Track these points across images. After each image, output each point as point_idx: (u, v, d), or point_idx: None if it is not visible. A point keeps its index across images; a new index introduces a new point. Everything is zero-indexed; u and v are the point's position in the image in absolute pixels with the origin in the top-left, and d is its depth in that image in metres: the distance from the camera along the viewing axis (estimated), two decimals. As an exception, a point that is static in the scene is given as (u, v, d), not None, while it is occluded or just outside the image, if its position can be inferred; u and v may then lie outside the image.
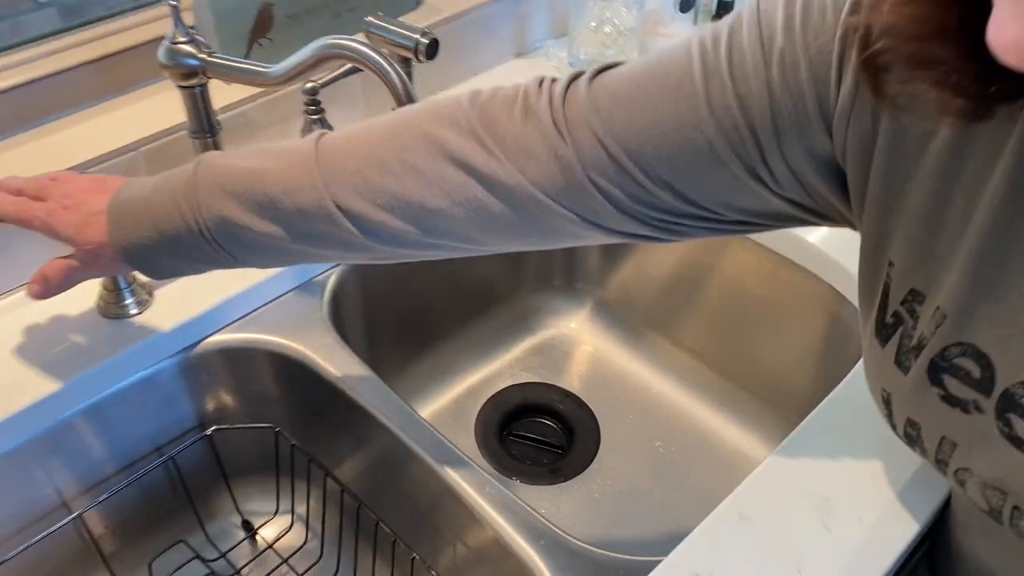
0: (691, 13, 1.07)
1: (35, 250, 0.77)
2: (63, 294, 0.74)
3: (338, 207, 0.55)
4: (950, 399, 0.48)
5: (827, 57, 0.45)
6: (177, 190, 0.58)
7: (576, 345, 1.12)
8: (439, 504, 0.73)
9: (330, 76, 0.83)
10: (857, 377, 0.75)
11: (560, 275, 1.14)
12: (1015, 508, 0.48)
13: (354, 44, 0.68)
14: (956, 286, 0.46)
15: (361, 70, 0.74)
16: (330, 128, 0.85)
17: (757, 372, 1.01)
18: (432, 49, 0.85)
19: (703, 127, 0.49)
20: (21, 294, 0.80)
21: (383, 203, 0.55)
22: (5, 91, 0.79)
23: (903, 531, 0.63)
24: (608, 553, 0.66)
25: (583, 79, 0.54)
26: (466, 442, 1.01)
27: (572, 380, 1.08)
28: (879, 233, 0.49)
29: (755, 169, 0.49)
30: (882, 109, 0.44)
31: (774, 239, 0.92)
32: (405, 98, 0.68)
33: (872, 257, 0.51)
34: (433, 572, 0.73)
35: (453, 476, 0.71)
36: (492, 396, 1.06)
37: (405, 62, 0.88)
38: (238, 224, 0.57)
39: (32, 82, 0.80)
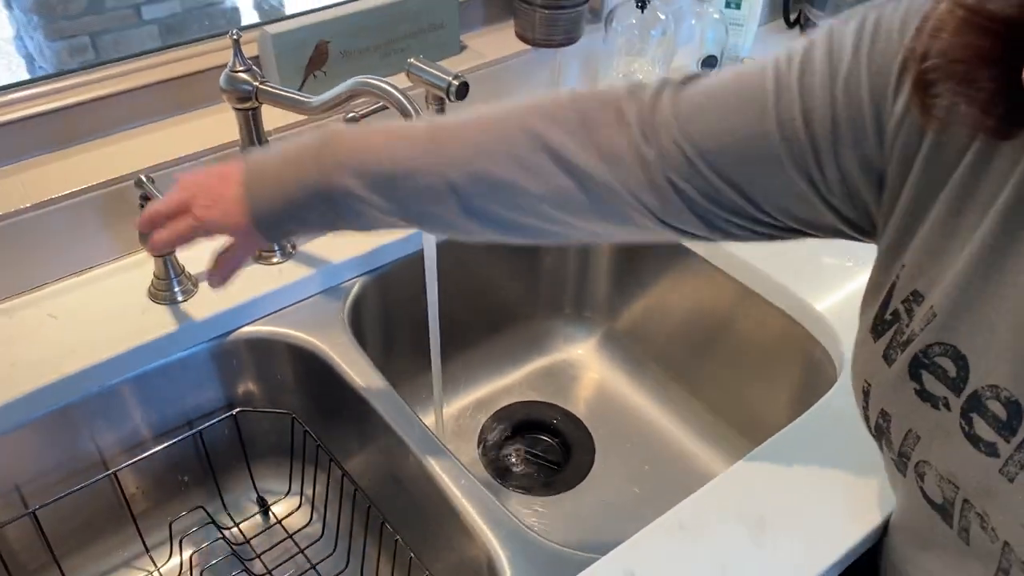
0: (716, 69, 1.16)
1: (89, 231, 0.90)
2: (124, 278, 0.86)
3: (452, 189, 0.64)
4: (923, 394, 0.55)
5: (887, 77, 0.53)
6: (304, 169, 0.65)
7: (582, 370, 1.20)
8: (425, 496, 0.81)
9: (368, 109, 0.93)
10: (815, 411, 0.82)
11: (572, 304, 1.22)
12: (965, 501, 0.54)
13: (381, 83, 0.79)
14: (952, 288, 0.52)
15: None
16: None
17: (743, 410, 1.07)
18: (462, 91, 0.96)
19: (770, 137, 0.56)
20: (88, 275, 0.92)
21: (488, 189, 0.63)
22: (91, 101, 0.91)
23: (830, 552, 0.70)
24: (564, 548, 0.73)
25: (669, 89, 0.61)
26: (467, 448, 1.10)
27: (575, 402, 1.16)
28: (901, 237, 0.56)
29: (811, 176, 0.57)
30: (927, 125, 0.51)
31: (770, 292, 0.98)
32: (421, 132, 0.78)
33: (887, 259, 0.58)
34: (411, 552, 0.82)
35: (437, 471, 0.79)
36: (498, 410, 1.15)
37: (439, 100, 0.99)
38: (360, 198, 0.64)
39: (116, 95, 0.93)
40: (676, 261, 1.08)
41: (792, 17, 1.45)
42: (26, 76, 2.95)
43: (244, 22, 3.08)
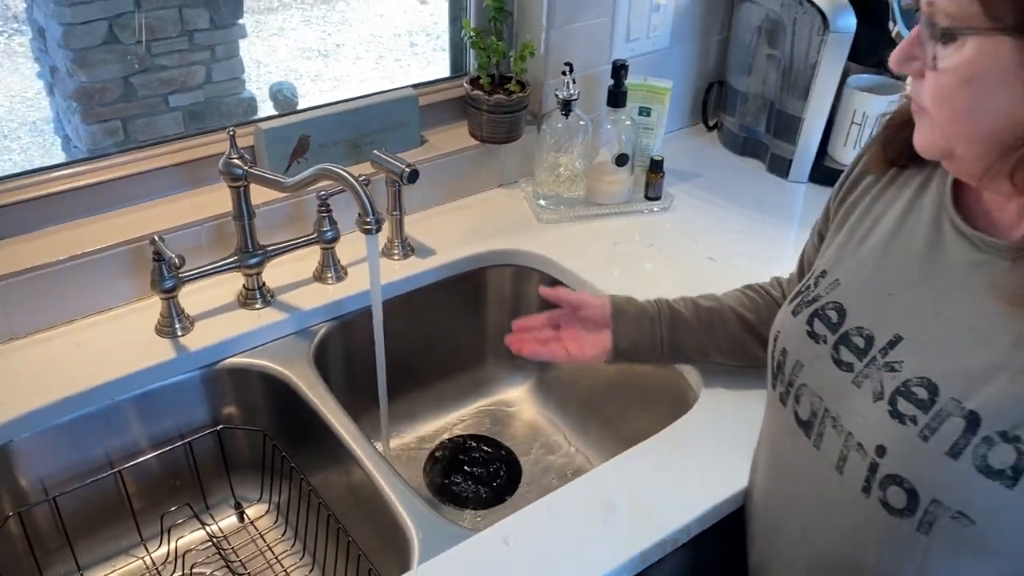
0: (627, 166, 1.41)
1: (111, 279, 1.14)
2: (136, 317, 1.10)
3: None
4: (812, 335, 0.82)
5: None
6: (654, 341, 1.06)
7: (517, 409, 1.42)
8: (368, 500, 1.02)
9: (334, 190, 1.19)
10: (674, 426, 1.03)
11: (510, 354, 1.45)
12: (826, 410, 0.79)
13: (338, 170, 1.04)
14: (852, 269, 0.81)
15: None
16: (335, 221, 1.21)
17: (645, 435, 1.28)
18: (413, 176, 1.21)
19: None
20: (109, 314, 1.16)
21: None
22: (116, 179, 1.17)
23: (657, 530, 0.90)
24: (459, 526, 0.94)
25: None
26: (414, 472, 1.31)
27: (509, 437, 1.37)
28: (828, 238, 0.87)
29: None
30: (873, 168, 0.83)
31: None
32: (368, 211, 1.02)
33: (816, 254, 0.89)
34: (360, 550, 1.03)
35: (379, 480, 1.00)
36: (443, 441, 1.36)
37: (395, 183, 1.25)
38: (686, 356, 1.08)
39: (137, 174, 1.19)
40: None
41: (712, 123, 1.71)
42: (61, 154, 3.27)
43: (260, 110, 3.41)
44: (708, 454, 1.00)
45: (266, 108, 3.66)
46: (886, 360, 0.74)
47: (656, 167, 1.44)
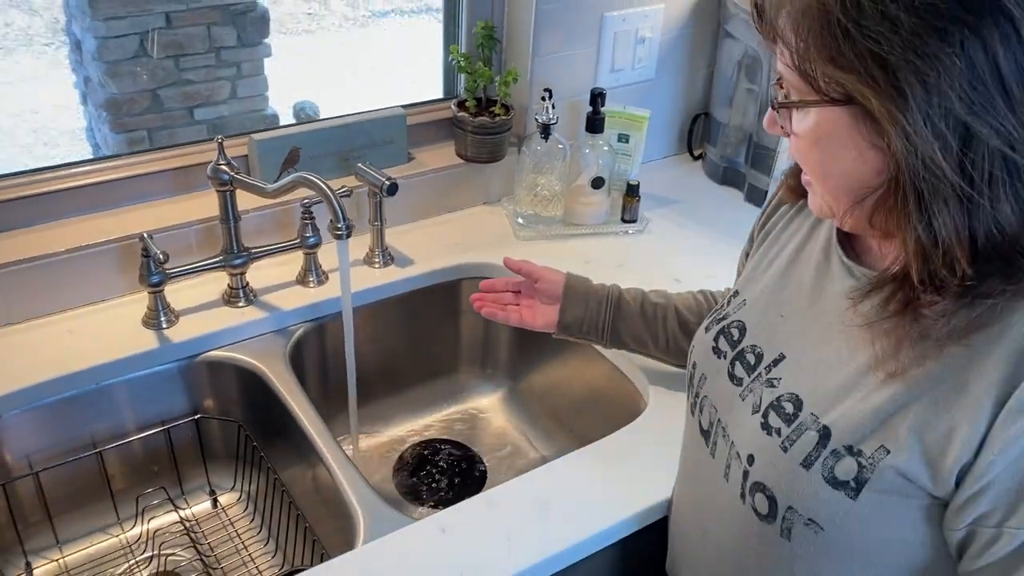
0: (604, 188, 1.47)
1: (104, 273, 1.22)
2: (126, 309, 1.18)
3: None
4: (715, 350, 0.88)
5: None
6: (598, 323, 1.13)
7: (488, 417, 1.48)
8: (327, 488, 1.09)
9: (318, 198, 1.26)
10: (623, 431, 1.09)
11: (483, 364, 1.51)
12: (719, 420, 0.85)
13: (313, 179, 1.11)
14: (756, 291, 0.88)
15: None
16: (318, 228, 1.28)
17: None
18: (392, 189, 1.29)
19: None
20: (101, 305, 1.24)
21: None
22: (116, 180, 1.26)
23: (585, 529, 0.96)
24: (402, 515, 1.00)
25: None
26: (384, 471, 1.37)
27: (477, 443, 1.43)
28: (748, 262, 0.93)
29: None
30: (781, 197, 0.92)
31: (622, 360, 1.26)
32: (339, 217, 1.10)
33: (736, 282, 0.95)
34: (315, 536, 1.09)
35: (336, 471, 1.07)
36: (414, 444, 1.42)
37: (375, 195, 1.32)
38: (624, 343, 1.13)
39: (136, 176, 1.27)
40: (564, 344, 1.36)
41: (696, 152, 1.77)
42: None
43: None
44: (648, 460, 1.05)
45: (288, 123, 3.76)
46: (768, 376, 0.80)
47: (632, 191, 1.50)
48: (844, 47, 0.61)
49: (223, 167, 1.18)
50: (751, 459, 0.78)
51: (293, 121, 3.77)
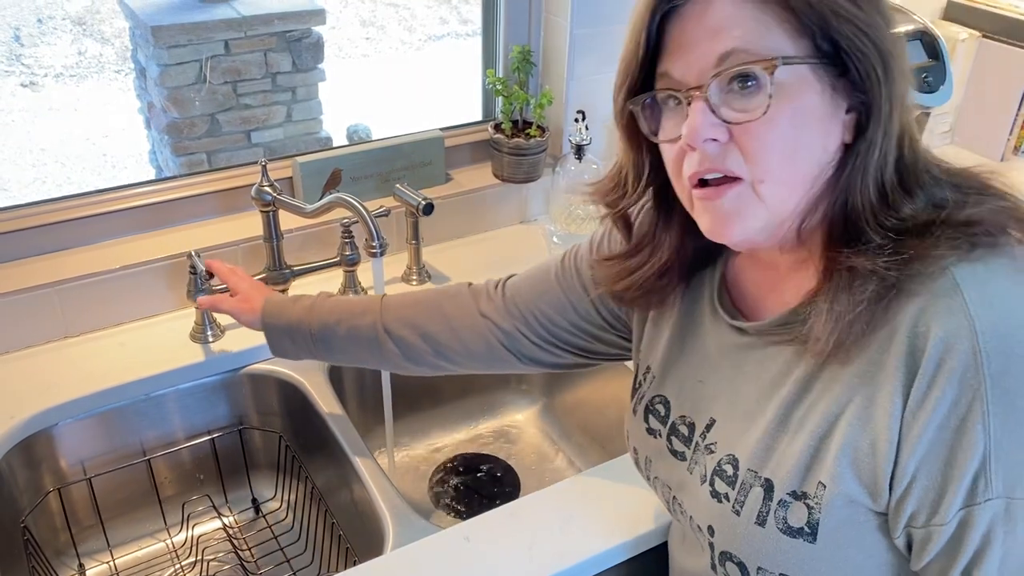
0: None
1: (155, 289, 1.28)
2: (175, 324, 1.24)
3: (386, 329, 1.02)
4: (649, 430, 0.88)
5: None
6: (303, 305, 1.06)
7: (522, 432, 1.50)
8: (364, 502, 1.13)
9: (356, 218, 1.31)
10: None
11: (519, 380, 1.54)
12: (674, 498, 0.85)
13: (349, 199, 1.16)
14: (660, 362, 0.87)
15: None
16: (357, 246, 1.33)
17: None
18: (428, 209, 1.33)
19: (562, 290, 0.96)
20: (151, 320, 1.31)
21: (414, 329, 1.02)
22: (168, 201, 1.33)
23: (603, 543, 0.98)
24: (430, 524, 1.03)
25: (503, 281, 1.02)
26: (420, 482, 1.41)
27: (514, 456, 1.46)
28: (644, 330, 0.91)
29: (592, 309, 0.94)
30: None
31: None
32: (374, 236, 1.14)
33: (637, 358, 0.93)
34: (348, 543, 1.13)
35: (369, 482, 1.11)
36: (451, 456, 1.46)
37: (413, 215, 1.37)
38: (328, 328, 1.04)
39: (187, 198, 1.34)
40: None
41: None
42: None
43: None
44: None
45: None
46: (706, 443, 0.80)
47: (666, 210, 1.52)
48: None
49: (266, 188, 1.24)
50: (711, 530, 0.78)
51: (347, 143, 3.88)
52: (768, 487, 0.72)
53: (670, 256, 0.80)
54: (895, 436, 0.65)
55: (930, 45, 1.48)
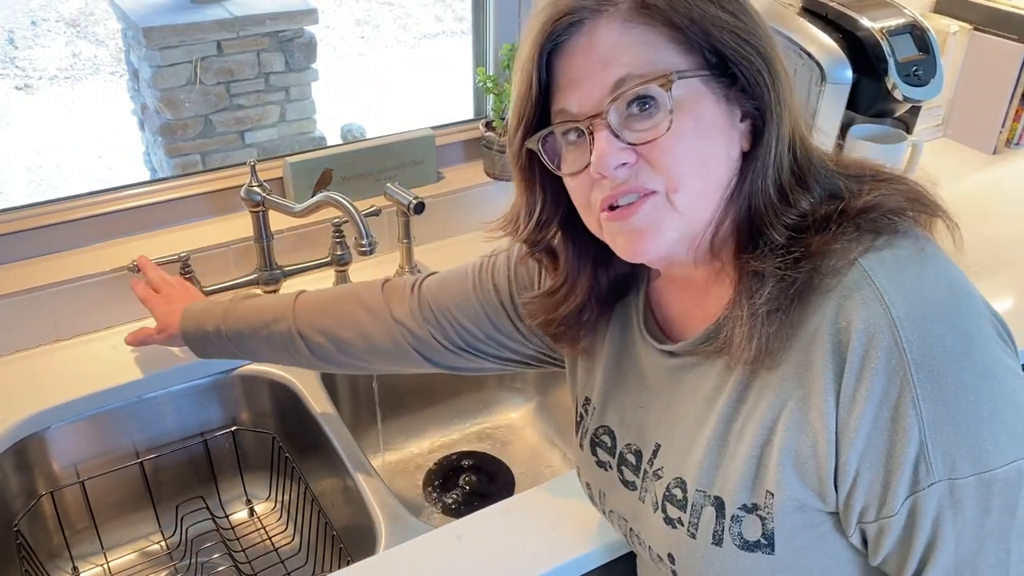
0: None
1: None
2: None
3: (300, 334, 1.02)
4: (599, 463, 0.87)
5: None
6: (218, 313, 1.07)
7: (517, 430, 1.50)
8: (354, 500, 1.13)
9: (343, 219, 1.31)
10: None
11: (513, 379, 1.54)
12: (631, 530, 0.84)
13: (338, 199, 1.16)
14: (599, 393, 0.86)
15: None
16: (348, 246, 1.33)
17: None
18: (418, 208, 1.33)
19: (479, 302, 0.95)
20: (143, 322, 1.30)
21: (327, 335, 1.02)
22: (155, 204, 1.33)
23: (612, 533, 0.98)
24: (420, 523, 1.04)
25: (419, 281, 1.01)
26: (414, 481, 1.41)
27: (507, 454, 1.46)
28: (576, 362, 0.90)
29: (508, 324, 0.93)
30: None
31: None
32: (363, 235, 1.14)
33: (573, 386, 0.92)
34: (342, 543, 1.13)
35: (363, 485, 1.11)
36: (446, 455, 1.46)
37: (404, 214, 1.37)
38: (244, 336, 1.06)
39: (177, 199, 1.34)
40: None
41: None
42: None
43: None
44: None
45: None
46: (654, 470, 0.79)
47: (658, 207, 1.52)
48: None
49: (255, 189, 1.24)
50: (672, 558, 0.77)
51: (340, 142, 3.88)
52: (719, 505, 0.72)
53: (586, 294, 0.80)
54: (832, 434, 0.65)
55: (920, 38, 1.48)
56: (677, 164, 0.66)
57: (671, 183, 0.67)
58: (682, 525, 0.75)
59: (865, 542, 0.69)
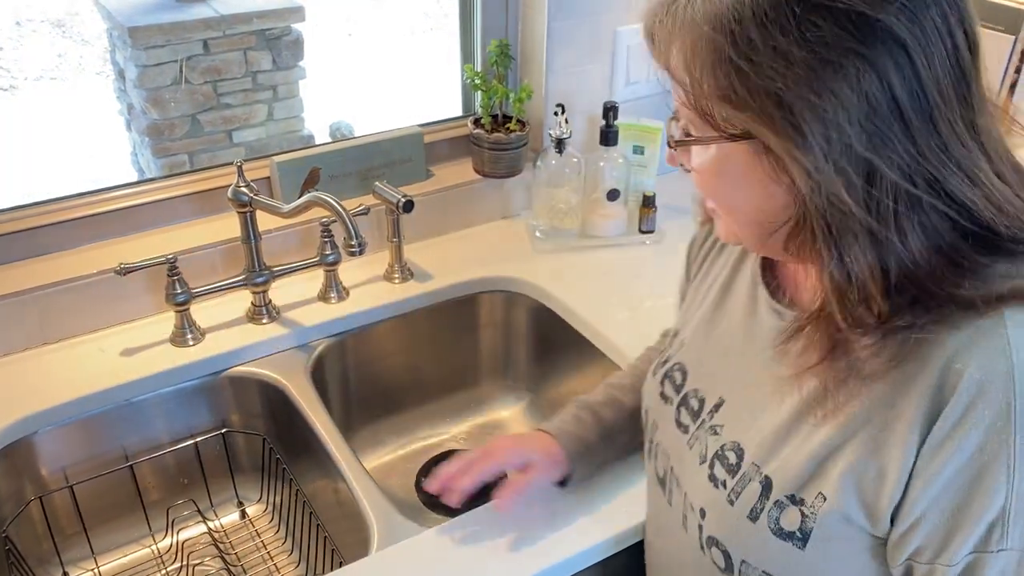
0: (620, 200, 1.49)
1: (134, 293, 1.27)
2: (154, 328, 1.22)
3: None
4: (663, 396, 0.87)
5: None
6: (586, 420, 1.00)
7: (509, 428, 1.50)
8: (346, 501, 1.12)
9: (330, 220, 1.30)
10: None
11: (505, 376, 1.54)
12: (672, 469, 0.85)
13: (326, 199, 1.15)
14: (692, 329, 0.86)
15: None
16: (337, 245, 1.32)
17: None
18: (408, 206, 1.32)
19: None
20: (130, 324, 1.30)
21: None
22: (141, 206, 1.31)
23: (605, 532, 0.97)
24: (414, 524, 1.03)
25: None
26: (407, 481, 1.40)
27: (498, 454, 1.45)
28: (684, 303, 0.92)
29: None
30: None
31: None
32: (352, 235, 1.13)
33: (678, 321, 0.93)
34: (333, 544, 1.12)
35: (355, 485, 1.10)
36: (437, 454, 1.45)
37: (393, 212, 1.36)
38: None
39: (164, 200, 1.33)
40: (583, 355, 1.38)
41: (716, 160, 1.78)
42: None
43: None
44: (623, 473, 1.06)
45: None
46: (711, 423, 0.79)
47: (648, 202, 1.51)
48: (738, 85, 0.59)
49: (242, 189, 1.22)
50: (703, 513, 0.77)
51: (329, 140, 3.86)
52: (767, 485, 0.71)
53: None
54: (907, 469, 0.63)
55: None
56: (704, 192, 0.73)
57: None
58: (725, 488, 0.75)
59: None
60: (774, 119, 0.59)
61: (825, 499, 0.67)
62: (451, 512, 1.33)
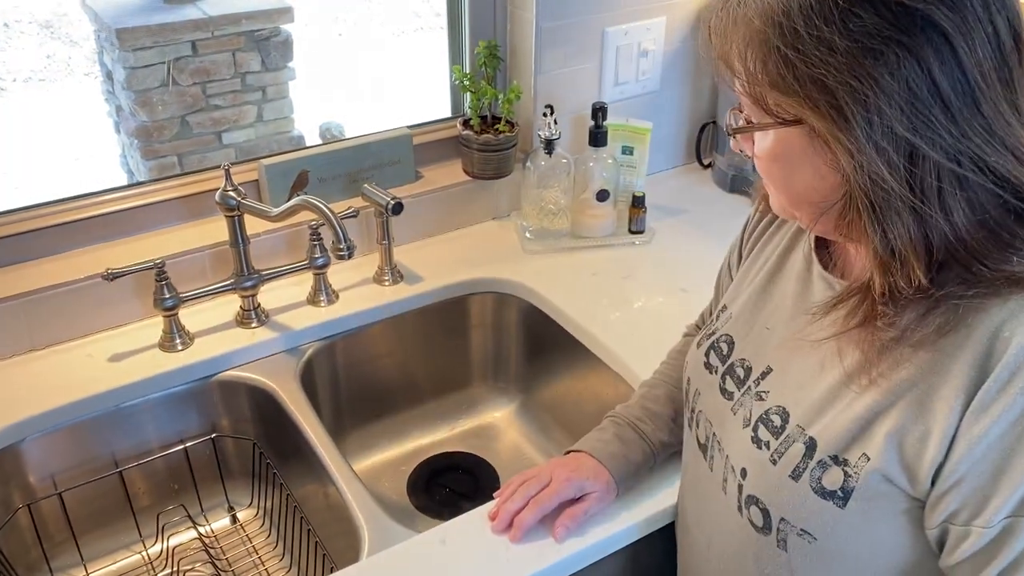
0: (609, 200, 1.49)
1: (122, 299, 1.26)
2: (143, 333, 1.22)
3: None
4: (707, 365, 0.89)
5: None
6: (629, 437, 1.02)
7: (500, 429, 1.50)
8: (336, 506, 1.12)
9: (319, 223, 1.30)
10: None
11: (496, 378, 1.53)
12: (713, 434, 0.87)
13: (314, 202, 1.14)
14: (743, 303, 0.88)
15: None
16: (326, 249, 1.31)
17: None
18: (397, 208, 1.32)
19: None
20: (119, 330, 1.29)
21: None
22: (129, 210, 1.31)
23: (600, 531, 0.97)
24: (405, 529, 1.02)
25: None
26: (398, 484, 1.40)
27: (492, 454, 1.45)
28: (731, 279, 0.95)
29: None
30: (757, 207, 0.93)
31: (631, 378, 1.26)
32: (340, 238, 1.13)
33: (720, 294, 0.97)
34: (325, 549, 1.12)
35: (345, 490, 1.09)
36: (429, 456, 1.45)
37: (382, 214, 1.35)
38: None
39: (148, 205, 1.32)
40: (574, 356, 1.37)
41: (706, 161, 1.78)
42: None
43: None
44: (656, 471, 1.06)
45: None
46: (758, 390, 0.81)
47: (638, 203, 1.51)
48: (786, 73, 0.63)
49: (230, 193, 1.22)
50: (744, 472, 0.80)
51: (319, 141, 3.85)
52: (811, 445, 0.74)
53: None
54: (950, 432, 0.66)
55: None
56: (764, 176, 0.76)
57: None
58: (768, 449, 0.77)
59: (942, 542, 0.70)
60: (819, 104, 0.63)
61: (869, 459, 0.70)
62: (442, 516, 1.33)
